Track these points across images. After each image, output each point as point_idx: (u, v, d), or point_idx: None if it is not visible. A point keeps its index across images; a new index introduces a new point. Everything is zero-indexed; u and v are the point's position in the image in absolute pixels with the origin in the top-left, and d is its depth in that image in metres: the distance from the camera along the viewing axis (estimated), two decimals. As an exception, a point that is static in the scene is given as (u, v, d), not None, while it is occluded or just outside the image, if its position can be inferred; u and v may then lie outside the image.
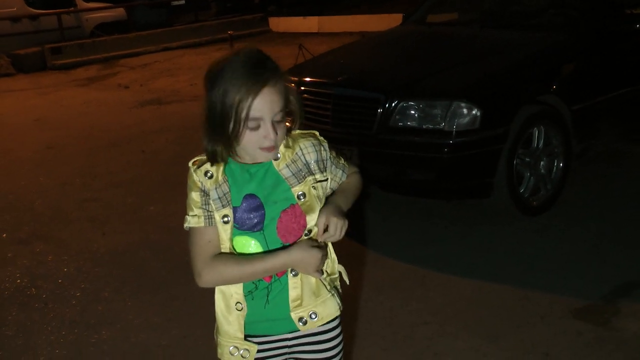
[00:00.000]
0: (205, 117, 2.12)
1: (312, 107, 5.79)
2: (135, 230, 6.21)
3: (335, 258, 2.43)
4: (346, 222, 2.24)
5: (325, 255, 2.23)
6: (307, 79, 6.19)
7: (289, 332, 2.35)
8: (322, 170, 2.30)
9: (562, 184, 5.81)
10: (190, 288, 4.95)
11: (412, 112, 5.41)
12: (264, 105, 2.06)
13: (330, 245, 2.38)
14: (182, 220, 2.23)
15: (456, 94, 5.32)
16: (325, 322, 2.37)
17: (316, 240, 2.24)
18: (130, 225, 6.36)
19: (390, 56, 6.78)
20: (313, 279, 2.30)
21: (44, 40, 17.58)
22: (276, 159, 2.23)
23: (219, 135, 2.10)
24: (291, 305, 2.29)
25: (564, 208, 5.80)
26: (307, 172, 2.26)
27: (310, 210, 2.24)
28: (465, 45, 6.53)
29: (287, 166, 2.24)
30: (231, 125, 2.07)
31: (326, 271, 2.37)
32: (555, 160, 5.75)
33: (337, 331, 2.44)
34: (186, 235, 2.25)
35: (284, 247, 2.21)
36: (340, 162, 2.41)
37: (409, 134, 5.40)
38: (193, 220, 2.20)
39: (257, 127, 2.09)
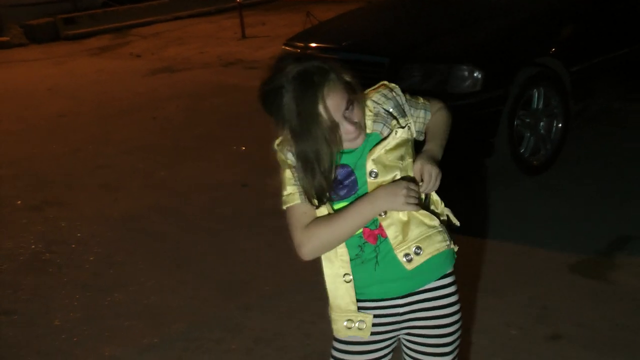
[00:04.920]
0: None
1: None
2: (146, 195, 6.30)
3: (439, 200, 2.37)
4: (440, 172, 2.19)
5: (415, 185, 2.13)
6: (313, 45, 6.28)
7: (400, 297, 2.26)
8: (402, 115, 2.25)
9: (561, 143, 5.88)
10: (198, 250, 5.10)
11: (415, 75, 5.50)
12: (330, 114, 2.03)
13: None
14: (193, 184, 2.19)
15: (458, 57, 5.41)
16: (433, 259, 2.24)
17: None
18: (142, 190, 6.45)
19: (394, 21, 6.85)
20: (407, 217, 2.18)
21: (55, 10, 17.60)
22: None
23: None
24: (393, 242, 2.18)
25: (562, 167, 5.88)
26: (391, 119, 2.22)
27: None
28: (466, 8, 6.58)
29: (374, 121, 2.20)
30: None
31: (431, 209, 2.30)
32: (555, 121, 5.81)
33: (453, 288, 2.35)
34: (196, 199, 2.27)
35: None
36: (420, 102, 2.35)
37: (412, 97, 5.48)
38: (288, 198, 2.16)
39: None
